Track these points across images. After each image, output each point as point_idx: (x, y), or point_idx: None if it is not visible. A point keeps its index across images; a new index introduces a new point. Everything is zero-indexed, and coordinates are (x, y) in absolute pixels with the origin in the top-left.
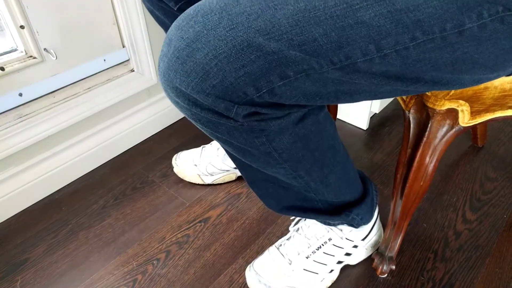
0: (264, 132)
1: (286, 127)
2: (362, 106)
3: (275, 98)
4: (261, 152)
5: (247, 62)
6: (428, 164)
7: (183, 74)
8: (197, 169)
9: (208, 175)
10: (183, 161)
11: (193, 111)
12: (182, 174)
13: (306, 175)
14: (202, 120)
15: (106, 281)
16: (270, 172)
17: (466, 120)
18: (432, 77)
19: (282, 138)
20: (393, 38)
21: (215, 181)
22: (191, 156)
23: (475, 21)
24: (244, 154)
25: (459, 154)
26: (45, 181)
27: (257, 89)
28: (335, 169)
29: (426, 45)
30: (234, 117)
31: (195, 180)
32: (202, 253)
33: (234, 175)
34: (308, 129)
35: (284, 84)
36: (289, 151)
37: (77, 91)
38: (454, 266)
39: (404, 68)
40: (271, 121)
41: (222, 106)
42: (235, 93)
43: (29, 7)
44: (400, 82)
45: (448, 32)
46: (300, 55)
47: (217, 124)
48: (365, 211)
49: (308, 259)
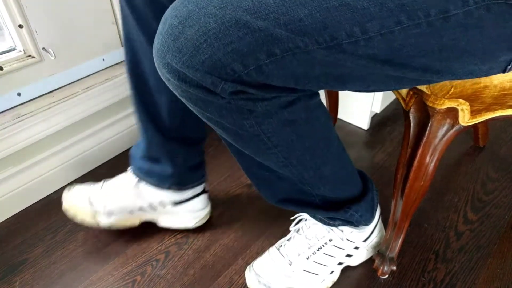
0: (253, 114)
1: (274, 110)
2: (363, 106)
3: (263, 76)
4: (250, 134)
5: (235, 39)
6: (429, 163)
7: (175, 50)
8: (92, 207)
9: (105, 215)
10: (76, 196)
11: (183, 88)
12: (73, 212)
13: (298, 164)
14: (192, 98)
15: (105, 282)
16: (262, 159)
17: (466, 119)
18: (420, 64)
19: (271, 122)
20: (378, 22)
21: (113, 226)
22: (87, 191)
23: (460, 7)
24: (235, 138)
25: (460, 154)
26: (44, 181)
27: (244, 65)
28: (329, 160)
29: (411, 30)
30: (220, 93)
31: (88, 221)
32: (202, 254)
33: (137, 220)
34: (297, 115)
35: (271, 62)
36: (278, 135)
37: (76, 90)
38: (456, 267)
39: (390, 52)
40: (258, 101)
41: (209, 81)
42: (223, 69)
43: (27, 7)
44: (387, 66)
45: (433, 17)
46: (285, 33)
47: (206, 103)
48: (365, 208)
49: (308, 260)
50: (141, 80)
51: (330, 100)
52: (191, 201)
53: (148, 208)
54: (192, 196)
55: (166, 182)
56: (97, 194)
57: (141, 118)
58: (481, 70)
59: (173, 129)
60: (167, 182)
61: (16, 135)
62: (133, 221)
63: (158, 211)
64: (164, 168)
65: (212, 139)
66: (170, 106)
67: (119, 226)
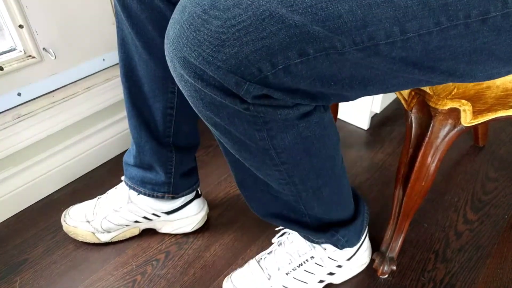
0: (267, 126)
1: (291, 121)
2: (363, 106)
3: (290, 77)
4: (259, 148)
5: (267, 34)
6: (430, 164)
7: (195, 43)
8: (90, 226)
9: (104, 232)
10: (74, 217)
11: (197, 87)
12: (73, 233)
13: (300, 183)
14: (205, 99)
15: (106, 281)
16: (263, 174)
17: (468, 120)
18: (448, 67)
19: (284, 137)
20: (418, 22)
21: (114, 238)
22: (84, 210)
23: (499, 9)
24: (240, 148)
25: (460, 154)
26: (44, 181)
27: (273, 65)
28: (330, 182)
29: (449, 32)
30: (243, 95)
31: (89, 239)
32: (202, 253)
33: (137, 229)
34: (312, 130)
35: (302, 62)
36: (289, 151)
37: (76, 90)
38: (455, 267)
39: (423, 55)
40: (279, 109)
41: (233, 82)
42: (249, 68)
43: (28, 7)
44: (417, 70)
45: (472, 19)
46: (323, 31)
47: (220, 106)
48: (353, 233)
49: (288, 275)
50: (135, 85)
51: None
52: (185, 208)
53: (143, 220)
54: (185, 203)
55: (159, 190)
56: (93, 213)
57: (134, 124)
58: (500, 74)
59: (167, 136)
60: (160, 191)
61: (16, 135)
62: (133, 232)
63: (154, 221)
64: (157, 175)
65: (212, 139)
66: (165, 112)
67: (120, 238)
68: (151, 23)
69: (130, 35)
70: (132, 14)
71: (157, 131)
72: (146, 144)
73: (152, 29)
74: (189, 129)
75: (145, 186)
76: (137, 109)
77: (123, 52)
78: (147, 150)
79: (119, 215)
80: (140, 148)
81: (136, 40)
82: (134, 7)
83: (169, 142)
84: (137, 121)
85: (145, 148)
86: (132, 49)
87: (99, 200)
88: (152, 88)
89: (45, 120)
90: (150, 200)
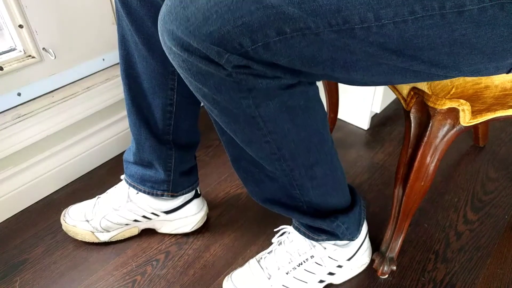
0: (252, 93)
1: (274, 91)
2: (363, 106)
3: (270, 54)
4: (246, 116)
5: (246, 13)
6: (429, 164)
7: (183, 18)
8: (90, 225)
9: (104, 231)
10: (73, 216)
11: (184, 57)
12: (73, 232)
13: (291, 158)
14: (192, 69)
15: (105, 281)
16: (255, 150)
17: (467, 120)
18: (429, 57)
19: (269, 104)
20: (392, 9)
21: (113, 238)
22: (83, 210)
23: (476, 3)
24: (229, 120)
25: (460, 154)
26: (44, 181)
27: (253, 41)
28: (322, 161)
29: (424, 21)
30: (224, 64)
31: (88, 238)
32: (202, 254)
33: (136, 229)
34: (297, 100)
35: (280, 40)
36: (275, 121)
37: (76, 90)
38: (455, 267)
39: (401, 42)
40: (260, 78)
41: (215, 52)
42: (231, 42)
43: (28, 7)
44: (396, 56)
45: (448, 10)
46: (298, 12)
47: (206, 75)
48: (352, 221)
49: (288, 275)
50: (135, 82)
51: (330, 100)
52: (184, 207)
53: (142, 219)
54: (184, 202)
55: (159, 188)
56: (92, 212)
57: (134, 121)
58: (487, 70)
59: (166, 133)
60: (160, 189)
61: (16, 135)
62: (132, 231)
63: (153, 221)
64: (157, 173)
65: (212, 139)
66: (164, 109)
67: (120, 238)
68: (150, 19)
69: (130, 32)
70: (132, 10)
71: (157, 128)
72: (146, 141)
73: (151, 25)
74: (189, 126)
75: (145, 184)
76: (137, 106)
77: (123, 49)
78: (147, 148)
79: (119, 214)
80: (140, 145)
81: (135, 37)
82: (134, 3)
83: (168, 140)
84: (137, 118)
85: (145, 145)
86: (132, 46)
87: (98, 199)
88: (152, 84)
89: (45, 120)
90: (149, 198)
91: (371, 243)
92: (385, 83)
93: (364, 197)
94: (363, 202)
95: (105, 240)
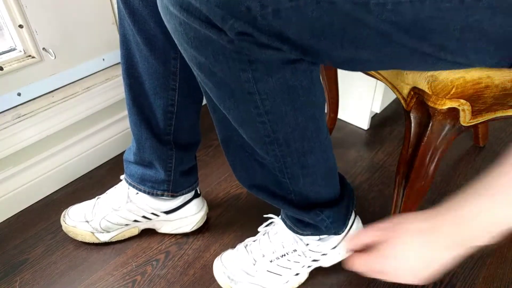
0: (252, 66)
1: (276, 64)
2: (363, 106)
3: (279, 22)
4: (243, 91)
5: None
6: (429, 164)
7: None
8: (90, 226)
9: (104, 232)
10: (73, 217)
11: (181, 19)
12: (73, 233)
13: (284, 143)
14: (190, 33)
15: (105, 281)
16: (248, 131)
17: (467, 120)
18: (439, 40)
19: (269, 80)
20: None
21: (113, 238)
22: (83, 210)
23: None
24: (224, 95)
25: (460, 154)
26: (44, 181)
27: (262, 5)
28: (316, 149)
29: (443, 3)
30: (228, 29)
31: (88, 239)
32: (202, 253)
33: (136, 229)
34: (299, 80)
35: (292, 7)
36: (273, 99)
37: (76, 90)
38: (455, 267)
39: (414, 22)
40: (263, 48)
41: (219, 15)
42: (238, 5)
43: (28, 7)
44: (407, 36)
45: None
46: None
47: (204, 42)
48: (338, 215)
49: (272, 263)
50: (136, 82)
51: (330, 100)
52: (184, 207)
53: (142, 220)
54: (184, 202)
55: (159, 188)
56: (92, 212)
57: (135, 121)
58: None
59: (167, 133)
60: (160, 189)
61: (16, 135)
62: (132, 231)
63: (153, 221)
64: (157, 173)
65: (212, 139)
66: (165, 109)
67: (120, 238)
68: (153, 19)
69: (131, 32)
70: (134, 11)
71: (158, 128)
72: (147, 141)
73: (154, 26)
74: (190, 126)
75: (145, 183)
76: (138, 106)
77: (124, 49)
78: (147, 147)
79: (118, 215)
80: (141, 145)
81: (137, 37)
82: (136, 3)
83: (169, 140)
84: (138, 118)
85: (146, 145)
86: (134, 46)
87: (98, 200)
88: (153, 85)
89: (45, 120)
90: (149, 199)
91: None
92: (390, 67)
93: (365, 198)
94: (353, 194)
95: (105, 241)
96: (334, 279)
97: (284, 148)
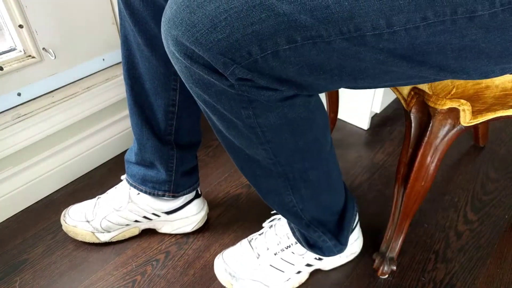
0: (252, 104)
1: (275, 103)
2: (363, 106)
3: (278, 62)
4: (245, 125)
5: (256, 21)
6: (430, 164)
7: (189, 24)
8: (90, 226)
9: (104, 232)
10: (73, 217)
11: (186, 64)
12: (73, 232)
13: (286, 164)
14: (194, 76)
15: (105, 281)
16: (252, 153)
17: (468, 120)
18: (438, 62)
19: (269, 116)
20: (405, 16)
21: (113, 238)
22: (83, 210)
23: (487, 9)
24: (228, 126)
25: (460, 154)
26: (44, 181)
27: (262, 49)
28: (317, 165)
29: (436, 27)
30: (229, 75)
31: (88, 239)
32: (202, 253)
33: (137, 229)
34: (297, 112)
35: (290, 48)
36: (274, 131)
37: (76, 90)
38: (455, 267)
39: (411, 48)
40: (262, 90)
41: (221, 62)
42: (239, 51)
43: (28, 7)
44: (405, 62)
45: (459, 16)
46: (310, 20)
47: (208, 84)
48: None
49: (276, 256)
50: (138, 82)
51: (330, 100)
52: (185, 208)
53: (143, 220)
54: (185, 203)
55: (160, 189)
56: (92, 212)
57: (136, 122)
58: (494, 73)
59: (168, 133)
60: (161, 189)
61: (16, 135)
62: (133, 231)
63: (154, 221)
64: (158, 173)
65: (212, 139)
66: (166, 110)
67: (120, 238)
68: (153, 20)
69: (132, 32)
70: (135, 11)
71: (159, 128)
72: (148, 142)
73: (154, 26)
74: (191, 126)
75: (146, 184)
76: (139, 106)
77: (125, 49)
78: (149, 148)
79: (119, 215)
80: (142, 145)
81: (138, 37)
82: (137, 4)
83: (170, 140)
84: (139, 118)
85: (147, 146)
86: (135, 46)
87: (98, 199)
88: (154, 85)
89: (45, 120)
90: (150, 199)
91: (371, 243)
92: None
93: (365, 198)
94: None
95: (105, 241)
96: (334, 279)
97: (286, 167)
